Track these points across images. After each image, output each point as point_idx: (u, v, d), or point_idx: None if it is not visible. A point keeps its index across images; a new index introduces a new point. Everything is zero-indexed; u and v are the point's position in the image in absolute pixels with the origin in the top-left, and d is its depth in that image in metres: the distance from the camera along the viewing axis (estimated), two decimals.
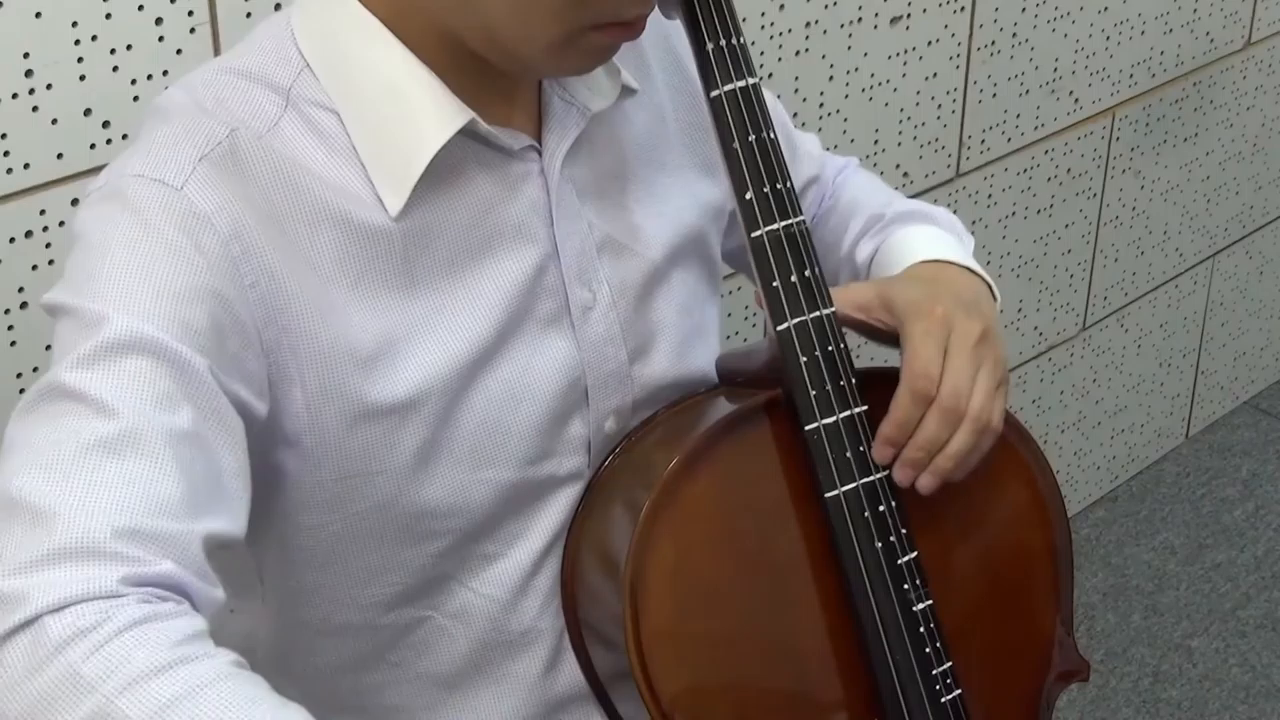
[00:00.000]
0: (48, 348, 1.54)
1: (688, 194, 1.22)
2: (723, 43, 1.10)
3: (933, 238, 1.26)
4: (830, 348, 1.12)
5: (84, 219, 1.02)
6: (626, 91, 1.17)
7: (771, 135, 1.12)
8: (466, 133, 1.07)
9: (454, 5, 1.03)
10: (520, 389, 1.12)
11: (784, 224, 1.12)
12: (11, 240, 1.49)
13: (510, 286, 1.11)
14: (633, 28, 1.05)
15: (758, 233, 1.12)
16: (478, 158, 1.09)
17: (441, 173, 1.07)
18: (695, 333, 1.23)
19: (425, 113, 1.06)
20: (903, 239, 1.27)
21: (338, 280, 1.05)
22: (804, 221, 1.13)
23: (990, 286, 1.23)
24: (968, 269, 1.23)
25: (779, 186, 1.12)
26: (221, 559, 0.96)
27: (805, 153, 1.37)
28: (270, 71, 1.07)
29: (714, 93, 1.11)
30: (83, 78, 1.48)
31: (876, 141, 2.25)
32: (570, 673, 1.18)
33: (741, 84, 1.11)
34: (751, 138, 1.11)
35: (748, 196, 1.12)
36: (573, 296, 1.14)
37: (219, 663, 0.87)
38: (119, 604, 0.86)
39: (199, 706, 0.84)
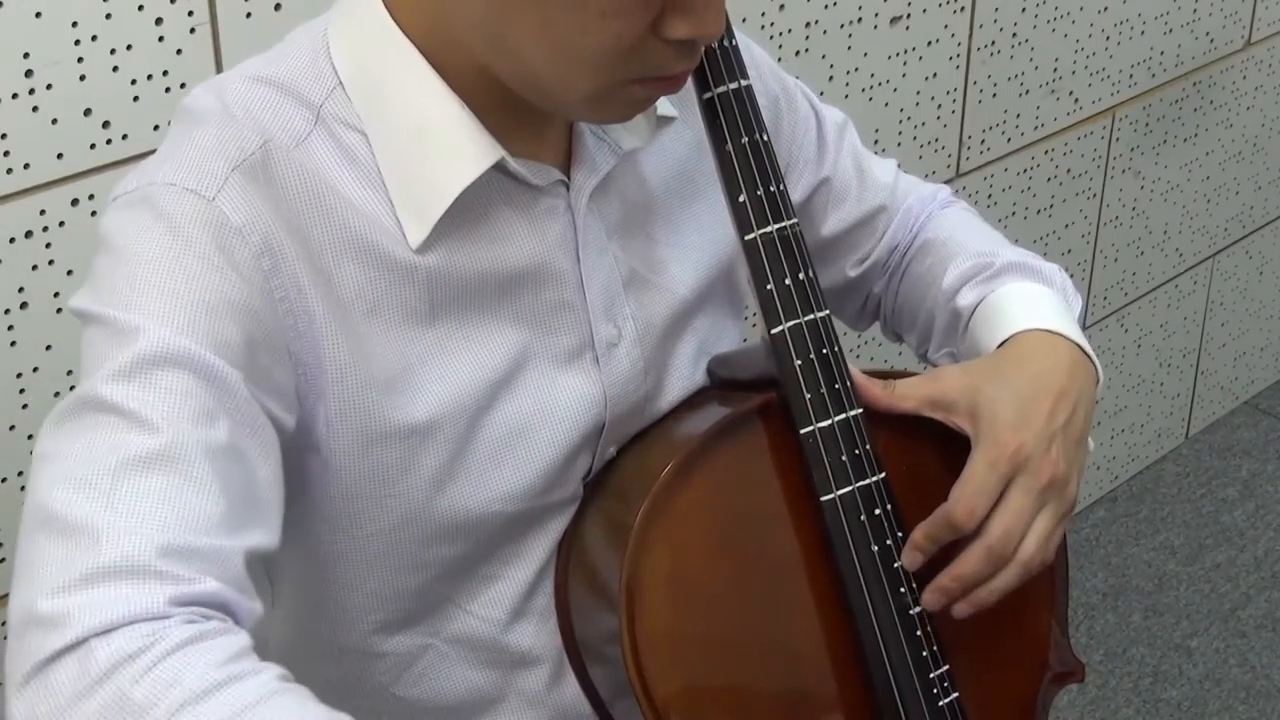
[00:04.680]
0: (48, 348, 1.55)
1: (720, 222, 1.19)
2: (715, 45, 1.10)
3: (1042, 300, 1.23)
4: (825, 350, 1.12)
5: (113, 224, 1.01)
6: (664, 121, 1.15)
7: (764, 138, 1.12)
8: (494, 169, 1.06)
9: (494, 49, 1.01)
10: (537, 422, 1.11)
11: (777, 226, 1.12)
12: (11, 240, 1.49)
13: (530, 319, 1.10)
14: (675, 81, 1.04)
15: (751, 235, 1.11)
16: (504, 193, 1.08)
17: (467, 207, 1.06)
18: (708, 359, 1.22)
19: (455, 148, 1.04)
20: (1009, 296, 1.23)
21: (356, 304, 1.04)
22: (798, 224, 1.13)
23: (1094, 364, 1.21)
24: (1074, 342, 1.20)
25: (772, 189, 1.12)
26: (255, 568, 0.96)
27: (874, 181, 1.33)
28: (302, 86, 1.05)
29: (706, 95, 1.11)
30: (83, 78, 1.49)
31: (876, 141, 2.25)
32: (576, 685, 1.17)
33: (734, 86, 1.11)
34: (744, 140, 1.11)
35: (741, 199, 1.12)
36: (598, 333, 1.13)
37: (266, 679, 0.87)
38: (166, 625, 0.86)
39: None
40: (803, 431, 1.11)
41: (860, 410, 1.12)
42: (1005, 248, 1.30)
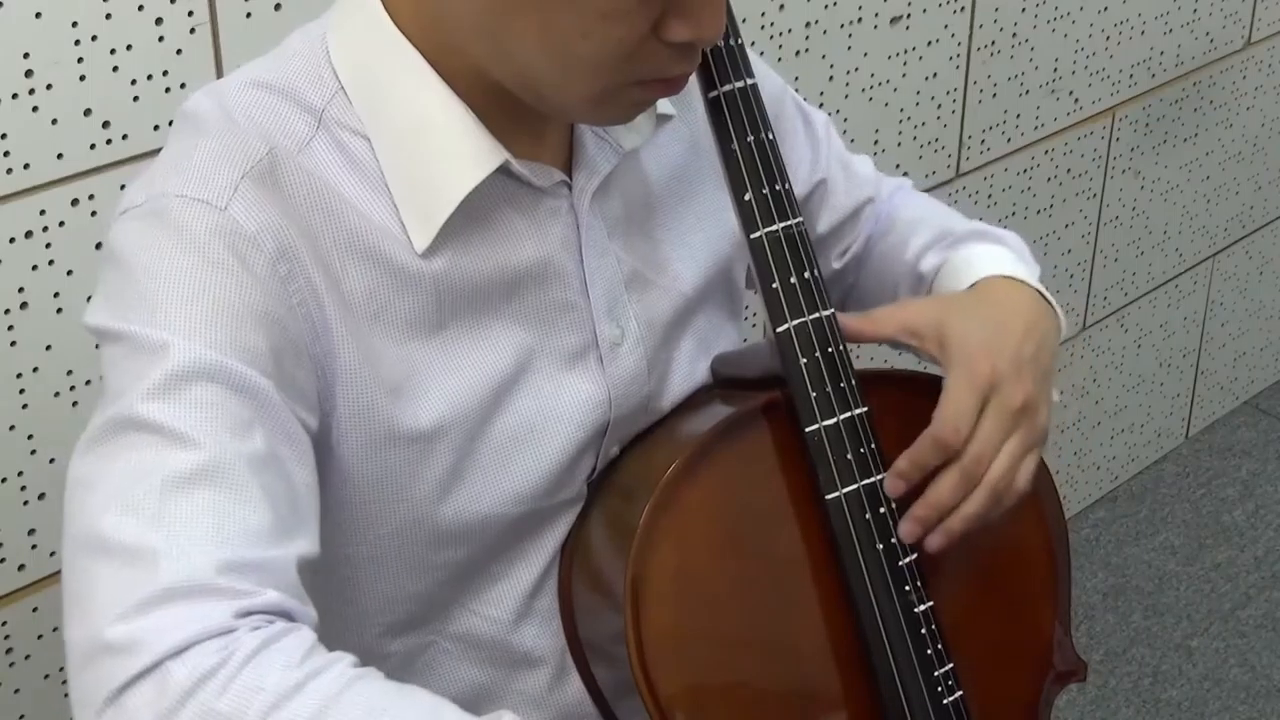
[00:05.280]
0: (48, 348, 1.54)
1: (718, 221, 1.20)
2: (720, 43, 1.10)
3: (1004, 257, 1.25)
4: (830, 349, 1.12)
5: (124, 239, 1.00)
6: (662, 119, 1.15)
7: (770, 136, 1.12)
8: (498, 171, 1.05)
9: (493, 54, 1.01)
10: (542, 424, 1.11)
11: (783, 225, 1.12)
12: (11, 240, 1.49)
13: (533, 320, 1.10)
14: (675, 84, 1.04)
15: (757, 234, 1.11)
16: (508, 196, 1.08)
17: (470, 210, 1.05)
18: (708, 357, 1.22)
19: (458, 152, 1.04)
20: (971, 255, 1.25)
21: (362, 308, 1.04)
22: (803, 222, 1.13)
23: (1057, 313, 1.22)
24: (1037, 290, 1.21)
25: (778, 188, 1.12)
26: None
27: (860, 176, 1.35)
28: (302, 90, 1.05)
29: (712, 94, 1.11)
30: (83, 78, 1.48)
31: (876, 141, 2.25)
32: (578, 685, 1.18)
33: (740, 85, 1.11)
34: (750, 139, 1.11)
35: (747, 198, 1.11)
36: (601, 333, 1.13)
37: (342, 668, 0.88)
38: (236, 637, 0.87)
39: (341, 713, 0.85)
40: (808, 430, 1.11)
41: (865, 409, 1.12)
42: (964, 222, 1.32)
